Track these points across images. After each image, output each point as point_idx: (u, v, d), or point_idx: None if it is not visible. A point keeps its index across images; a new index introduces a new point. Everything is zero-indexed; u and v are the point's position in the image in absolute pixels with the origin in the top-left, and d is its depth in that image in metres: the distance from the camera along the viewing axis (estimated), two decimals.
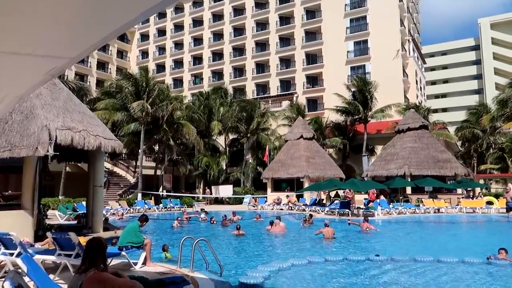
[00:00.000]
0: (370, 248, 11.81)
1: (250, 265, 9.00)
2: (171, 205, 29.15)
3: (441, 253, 9.63)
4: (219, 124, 37.75)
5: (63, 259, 7.05)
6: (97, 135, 11.42)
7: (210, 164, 37.51)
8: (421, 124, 32.64)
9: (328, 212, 23.41)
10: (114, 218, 20.70)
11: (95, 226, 12.53)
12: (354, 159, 40.23)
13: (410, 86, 50.91)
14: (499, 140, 44.88)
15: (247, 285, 6.95)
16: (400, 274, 8.18)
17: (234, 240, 13.45)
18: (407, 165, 30.06)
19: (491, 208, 24.79)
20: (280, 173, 33.54)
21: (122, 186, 36.49)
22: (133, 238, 8.04)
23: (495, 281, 7.58)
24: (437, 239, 14.42)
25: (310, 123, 39.37)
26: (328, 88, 47.51)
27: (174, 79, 61.92)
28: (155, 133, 34.02)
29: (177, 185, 43.43)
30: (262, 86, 54.82)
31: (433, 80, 77.46)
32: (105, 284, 3.39)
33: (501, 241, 12.12)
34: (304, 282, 7.43)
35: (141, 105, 30.46)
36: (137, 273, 6.38)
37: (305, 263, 8.82)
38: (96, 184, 12.78)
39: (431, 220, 21.24)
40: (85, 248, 3.61)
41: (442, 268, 8.57)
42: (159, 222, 20.95)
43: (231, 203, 34.81)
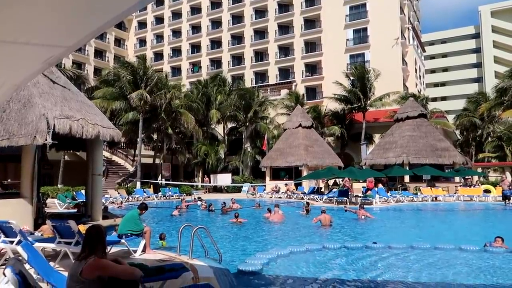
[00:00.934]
0: (368, 235, 11.92)
1: (249, 252, 9.09)
2: (170, 194, 29.29)
3: (438, 240, 9.73)
4: (217, 113, 37.70)
5: (63, 246, 7.10)
6: (96, 124, 11.41)
7: (208, 153, 37.57)
8: (420, 112, 32.62)
9: (326, 200, 23.54)
10: (113, 206, 20.80)
11: (95, 215, 12.60)
12: (353, 148, 40.30)
13: (409, 75, 50.75)
14: (497, 128, 44.95)
15: (246, 272, 7.03)
16: (397, 261, 8.28)
17: (233, 228, 13.55)
18: (406, 154, 30.13)
19: (488, 196, 24.97)
20: (278, 161, 33.62)
21: (121, 175, 36.54)
22: (133, 226, 8.09)
23: (491, 268, 7.68)
24: (434, 227, 14.55)
25: (309, 111, 39.30)
26: (327, 77, 47.34)
27: (172, 68, 61.57)
28: (154, 121, 33.96)
29: (176, 173, 43.53)
30: (260, 75, 54.57)
31: (432, 69, 77.16)
32: (105, 270, 3.43)
33: (497, 229, 12.26)
34: (303, 269, 7.52)
35: (139, 94, 30.36)
36: (136, 261, 6.44)
37: (304, 250, 8.91)
38: (95, 172, 12.81)
39: (428, 208, 21.39)
40: (84, 236, 3.64)
41: (438, 255, 8.67)
42: (158, 210, 21.06)
43: (229, 191, 34.95)
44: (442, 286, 6.59)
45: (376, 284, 6.70)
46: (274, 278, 6.89)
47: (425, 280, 6.85)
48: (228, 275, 6.84)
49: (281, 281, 6.78)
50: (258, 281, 6.71)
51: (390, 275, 7.18)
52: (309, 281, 6.75)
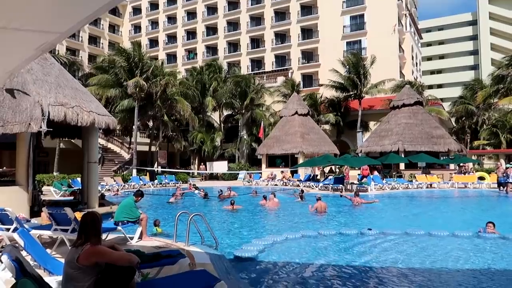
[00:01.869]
0: (362, 222, 12.03)
1: (245, 239, 9.16)
2: (166, 181, 29.33)
3: (432, 227, 9.84)
4: (213, 101, 37.54)
5: (60, 233, 7.12)
6: (91, 111, 11.35)
7: (205, 140, 37.54)
8: (416, 100, 32.66)
9: (322, 188, 23.67)
10: (109, 194, 20.84)
11: (91, 202, 12.62)
12: (349, 135, 40.39)
13: (406, 62, 50.61)
14: (492, 116, 45.10)
15: (242, 258, 7.10)
16: (391, 247, 8.37)
17: (229, 215, 13.62)
18: (401, 141, 30.25)
19: (483, 183, 25.20)
20: (274, 149, 33.67)
21: (117, 163, 36.48)
22: (129, 213, 8.12)
23: (484, 254, 7.80)
24: (429, 214, 14.70)
25: (305, 99, 39.23)
26: (324, 64, 47.13)
27: (168, 54, 61.02)
28: (149, 109, 33.77)
29: (172, 161, 43.54)
30: (257, 62, 54.24)
31: (429, 56, 76.97)
32: (101, 257, 3.45)
33: (491, 216, 12.40)
34: (298, 255, 7.60)
35: (136, 82, 30.13)
36: (133, 247, 6.48)
37: (299, 236, 8.99)
38: (90, 160, 12.78)
39: (423, 195, 21.58)
40: (80, 222, 3.65)
41: (433, 241, 8.78)
42: (155, 197, 21.11)
43: (226, 179, 35.04)
44: (435, 272, 6.69)
45: (371, 270, 6.79)
46: (270, 264, 6.96)
47: (419, 266, 6.95)
48: (225, 261, 6.90)
49: (277, 267, 6.85)
50: (254, 267, 6.78)
51: (384, 261, 7.27)
52: (305, 267, 6.83)
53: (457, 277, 6.45)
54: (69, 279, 3.37)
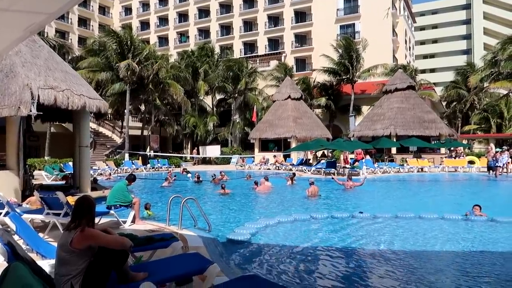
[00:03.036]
0: (354, 205, 12.16)
1: (238, 222, 9.23)
2: (158, 165, 29.31)
3: (422, 210, 9.98)
4: (205, 85, 37.22)
5: (52, 218, 7.11)
6: (81, 95, 11.20)
7: (197, 125, 37.40)
8: (409, 84, 32.71)
9: (314, 172, 23.82)
10: (101, 178, 20.77)
11: (83, 186, 12.58)
12: (341, 120, 40.48)
13: (399, 46, 50.48)
14: (483, 100, 45.41)
15: (235, 241, 7.16)
16: (382, 230, 8.50)
17: (221, 199, 13.69)
18: (393, 126, 30.41)
19: (473, 167, 25.54)
20: (267, 133, 33.68)
21: (109, 147, 36.30)
22: (121, 197, 8.12)
23: (471, 235, 7.96)
24: (419, 197, 14.90)
25: (298, 83, 39.11)
26: (317, 48, 46.85)
27: (159, 37, 60.16)
28: (141, 93, 33.45)
29: (165, 145, 43.39)
30: (250, 45, 53.73)
31: (422, 40, 76.80)
32: (95, 240, 3.45)
33: (480, 199, 12.62)
34: (290, 238, 7.68)
35: (127, 64, 29.71)
36: (126, 231, 6.50)
37: (291, 220, 9.08)
38: (82, 144, 12.69)
39: (414, 179, 21.83)
40: (74, 206, 3.64)
41: (422, 224, 8.93)
42: (147, 182, 21.11)
43: (218, 163, 35.08)
44: (425, 254, 6.82)
45: (362, 252, 6.90)
46: (262, 247, 7.04)
47: (409, 248, 7.08)
48: (217, 244, 6.96)
49: (269, 249, 6.93)
50: (246, 250, 6.85)
51: (375, 243, 7.39)
52: (297, 250, 6.92)
53: (446, 259, 6.59)
54: (62, 263, 3.38)
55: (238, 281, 3.64)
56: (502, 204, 12.81)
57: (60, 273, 3.37)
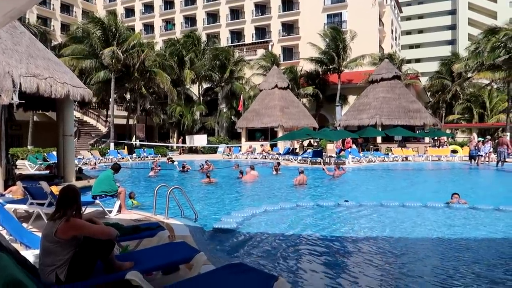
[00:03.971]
0: (340, 194, 12.30)
1: (224, 211, 9.26)
2: (144, 155, 29.09)
3: (406, 198, 10.16)
4: (191, 73, 36.87)
5: (36, 208, 7.02)
6: (65, 83, 11.00)
7: (184, 114, 37.14)
8: (395, 74, 32.95)
9: (301, 161, 23.96)
10: (86, 167, 20.54)
11: (68, 176, 12.43)
12: (328, 109, 40.68)
13: (385, 36, 50.71)
14: (467, 90, 46.09)
15: (221, 230, 7.20)
16: (367, 218, 8.63)
17: (208, 188, 13.69)
18: (379, 115, 30.70)
19: (455, 156, 26.02)
20: (254, 122, 33.67)
21: (94, 136, 35.85)
22: (107, 186, 8.06)
23: (453, 223, 8.14)
24: (403, 186, 15.14)
25: (285, 72, 39.06)
26: (304, 37, 46.73)
27: (145, 25, 59.19)
28: (127, 81, 32.99)
29: (151, 134, 43.07)
30: (236, 34, 53.29)
31: (408, 30, 77.22)
32: (80, 230, 3.43)
33: (461, 187, 12.90)
34: (277, 227, 7.75)
35: (111, 52, 29.18)
36: (112, 221, 6.47)
37: (278, 208, 9.15)
38: (66, 133, 12.50)
39: (398, 168, 22.15)
40: (58, 196, 3.59)
41: (406, 212, 9.09)
42: (133, 171, 20.96)
43: (205, 152, 34.99)
44: (408, 241, 6.96)
45: (347, 240, 7.00)
46: (249, 236, 7.08)
47: (393, 235, 7.21)
48: (204, 234, 6.99)
49: (255, 238, 6.98)
50: (233, 238, 6.89)
51: (360, 231, 7.51)
52: (283, 238, 6.99)
53: (429, 245, 6.74)
54: (47, 253, 3.35)
55: (225, 269, 3.67)
56: (482, 192, 13.11)
57: (44, 263, 3.35)
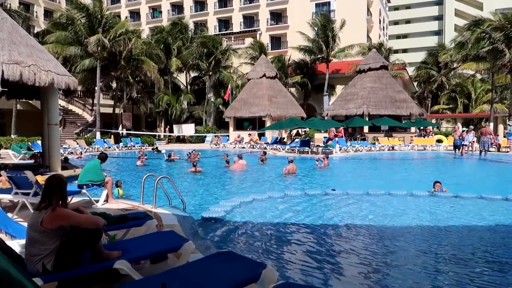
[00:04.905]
0: (327, 183, 12.41)
1: (212, 200, 9.27)
2: (131, 144, 28.86)
3: (392, 187, 10.30)
4: (177, 61, 36.43)
5: (21, 197, 6.93)
6: (49, 71, 10.78)
7: (171, 103, 36.83)
8: (382, 64, 33.13)
9: (288, 150, 24.04)
10: (72, 157, 20.29)
11: (53, 165, 12.26)
12: (316, 99, 40.77)
13: (373, 26, 50.76)
14: (452, 81, 46.66)
15: (210, 219, 7.21)
16: (354, 206, 8.74)
17: (196, 177, 13.67)
18: (366, 105, 30.91)
19: (440, 145, 26.43)
20: (242, 112, 33.60)
21: (79, 125, 35.36)
22: (94, 176, 7.98)
23: (437, 210, 8.31)
24: (389, 175, 15.35)
25: (273, 61, 38.91)
26: (292, 26, 46.51)
27: (131, 12, 58.08)
28: (113, 69, 32.48)
29: (138, 123, 42.66)
30: (224, 22, 52.74)
31: (395, 20, 77.49)
32: (66, 220, 3.40)
33: (446, 176, 13.13)
34: (265, 215, 7.80)
35: (97, 40, 28.62)
36: (99, 210, 6.42)
37: (266, 197, 9.19)
38: (51, 122, 12.29)
39: (385, 157, 22.41)
40: (44, 185, 3.55)
41: (392, 200, 9.24)
42: (120, 160, 20.79)
43: (193, 141, 34.86)
44: (394, 229, 7.09)
45: (334, 228, 7.09)
46: (237, 224, 7.12)
47: (379, 223, 7.33)
48: (192, 222, 7.00)
49: (243, 226, 7.02)
50: (221, 227, 6.91)
51: (347, 220, 7.60)
52: (271, 226, 7.04)
53: (414, 233, 6.87)
54: (33, 243, 3.32)
55: (213, 257, 3.69)
56: (466, 181, 13.39)
57: (31, 253, 3.32)
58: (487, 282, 4.56)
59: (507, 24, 27.36)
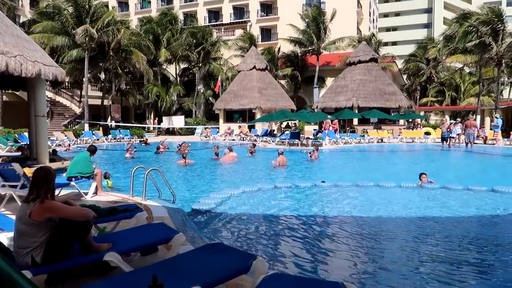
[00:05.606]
0: (317, 175, 12.50)
1: (202, 193, 9.27)
2: (120, 136, 28.62)
3: (381, 179, 10.41)
4: (166, 52, 36.04)
5: (8, 190, 6.84)
6: (36, 61, 10.58)
7: (160, 94, 36.54)
8: (371, 57, 33.22)
9: (278, 142, 24.09)
10: (60, 149, 20.06)
11: (40, 157, 12.09)
12: (306, 91, 40.82)
13: (363, 18, 50.82)
14: (441, 74, 47.09)
15: (200, 211, 7.22)
16: (343, 198, 8.83)
17: (186, 169, 13.63)
18: (355, 97, 31.03)
19: (428, 138, 26.74)
20: (232, 104, 33.50)
21: (67, 117, 34.91)
22: (84, 168, 7.91)
23: (425, 201, 8.44)
24: (378, 167, 15.50)
25: (263, 53, 38.77)
26: (283, 17, 46.33)
27: (119, 2, 57.20)
28: (101, 60, 32.03)
29: (127, 115, 42.26)
30: (214, 13, 52.28)
31: (385, 13, 77.64)
32: (55, 212, 3.37)
33: (433, 168, 13.31)
34: (255, 207, 7.83)
35: (85, 30, 28.14)
36: (88, 202, 6.37)
37: (256, 189, 9.22)
38: (38, 113, 12.09)
39: (374, 149, 22.60)
40: (32, 177, 3.51)
41: (381, 192, 9.35)
42: (109, 152, 20.63)
43: (183, 133, 34.69)
44: (383, 220, 7.18)
45: (324, 219, 7.16)
46: (227, 216, 7.14)
47: (368, 214, 7.42)
48: (182, 215, 6.99)
49: (233, 219, 7.05)
50: (211, 219, 6.93)
51: (336, 211, 7.69)
52: (261, 218, 7.09)
53: (402, 224, 6.97)
54: (21, 235, 3.29)
55: (204, 249, 3.70)
56: (453, 173, 13.60)
57: (19, 246, 3.29)
58: (473, 269, 4.66)
59: (494, 18, 27.65)
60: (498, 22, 27.58)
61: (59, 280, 3.60)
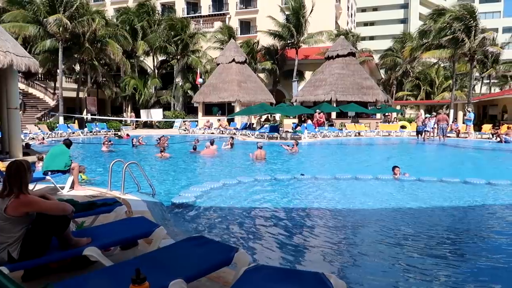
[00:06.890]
0: (296, 168, 12.61)
1: (182, 186, 9.22)
2: (97, 129, 28.07)
3: (358, 171, 10.61)
4: (144, 44, 35.40)
5: None
6: (7, 51, 10.26)
7: (138, 87, 35.92)
8: (350, 51, 33.55)
9: (258, 136, 24.15)
10: (34, 142, 19.53)
11: (14, 151, 11.76)
12: (285, 85, 40.93)
13: (341, 12, 51.19)
14: (416, 69, 48.07)
15: (180, 204, 7.19)
16: (322, 191, 8.96)
17: (165, 163, 13.52)
18: (334, 91, 31.34)
19: (404, 131, 27.34)
20: (211, 97, 33.30)
21: (41, 109, 33.91)
22: (62, 162, 7.72)
23: (400, 194, 8.66)
24: (356, 159, 15.77)
25: (242, 46, 38.58)
26: (262, 10, 46.15)
27: None
28: (76, 51, 31.18)
29: (103, 108, 41.42)
30: (193, 4, 51.57)
31: (363, 7, 78.50)
32: (31, 206, 3.30)
33: (409, 160, 13.64)
34: (235, 200, 7.86)
35: (58, 20, 27.29)
36: (65, 197, 6.25)
37: (235, 182, 9.24)
38: (10, 106, 11.73)
39: (351, 143, 22.95)
40: (5, 172, 3.42)
41: (358, 184, 9.53)
42: (86, 146, 20.21)
43: (161, 127, 34.29)
44: (360, 211, 7.33)
45: (303, 212, 7.25)
46: (207, 210, 7.14)
47: (345, 206, 7.56)
48: (162, 209, 6.95)
49: (214, 212, 7.06)
50: (191, 213, 6.91)
51: (315, 203, 7.80)
52: (241, 211, 7.11)
53: (379, 215, 7.13)
54: None
55: (185, 242, 3.70)
56: (427, 165, 13.97)
57: None
58: (447, 259, 4.83)
59: (466, 14, 28.40)
60: (471, 19, 28.34)
61: (37, 276, 3.53)
